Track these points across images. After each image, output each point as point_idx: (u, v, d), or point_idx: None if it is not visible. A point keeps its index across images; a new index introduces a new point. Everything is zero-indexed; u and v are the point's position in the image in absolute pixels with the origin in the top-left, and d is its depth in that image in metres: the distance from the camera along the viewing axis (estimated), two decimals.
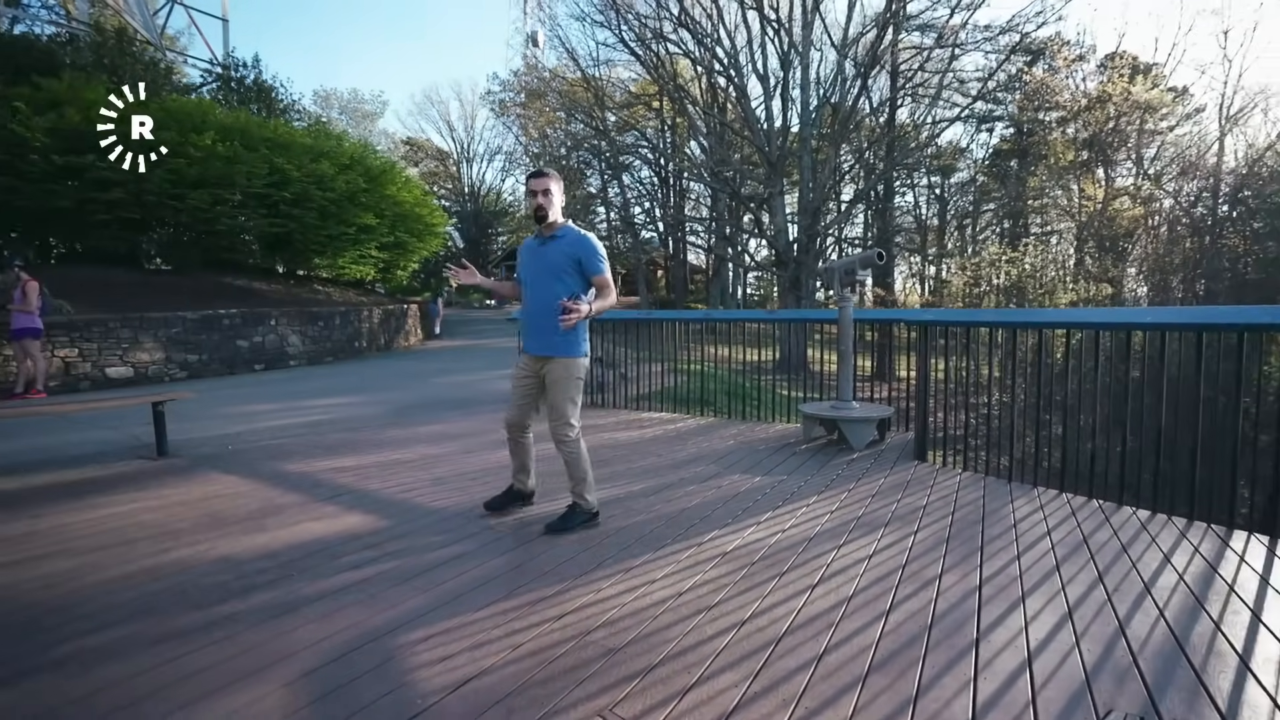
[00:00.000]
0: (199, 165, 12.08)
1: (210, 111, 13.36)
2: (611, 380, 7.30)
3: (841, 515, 3.14)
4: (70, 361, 8.66)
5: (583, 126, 24.39)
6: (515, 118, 30.66)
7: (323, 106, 36.43)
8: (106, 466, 4.38)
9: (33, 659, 1.93)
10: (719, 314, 6.47)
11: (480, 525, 3.12)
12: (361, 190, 15.23)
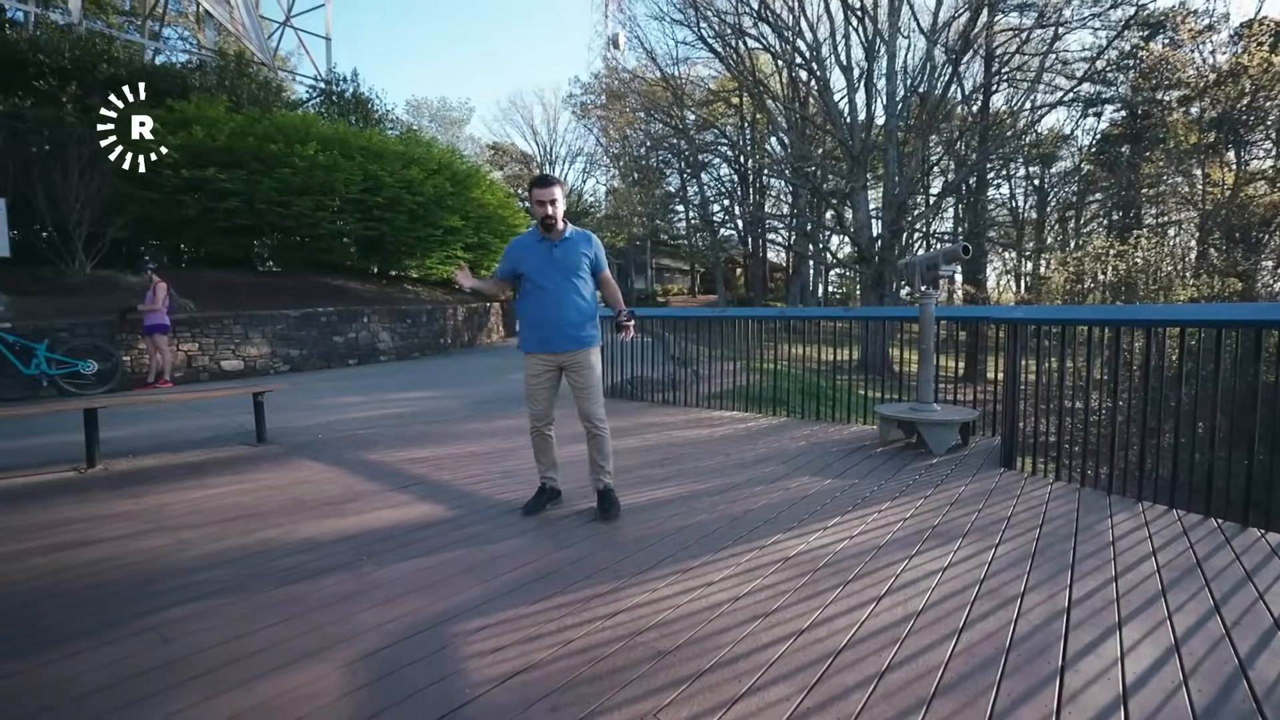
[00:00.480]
0: (303, 174, 12.98)
1: (314, 124, 14.32)
2: (685, 378, 7.27)
3: (915, 523, 2.95)
4: (192, 355, 9.52)
5: (662, 126, 24.43)
6: (596, 119, 31.11)
7: (414, 115, 38.32)
8: (212, 451, 4.77)
9: (130, 624, 2.11)
10: (793, 311, 6.29)
11: (541, 519, 3.15)
12: (448, 194, 15.90)
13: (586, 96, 30.20)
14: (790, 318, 6.12)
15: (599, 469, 3.28)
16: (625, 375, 7.25)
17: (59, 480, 4.02)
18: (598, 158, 35.82)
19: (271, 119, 13.55)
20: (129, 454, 4.67)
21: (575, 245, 3.19)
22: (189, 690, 1.74)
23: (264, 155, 12.78)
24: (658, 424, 5.59)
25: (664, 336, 8.35)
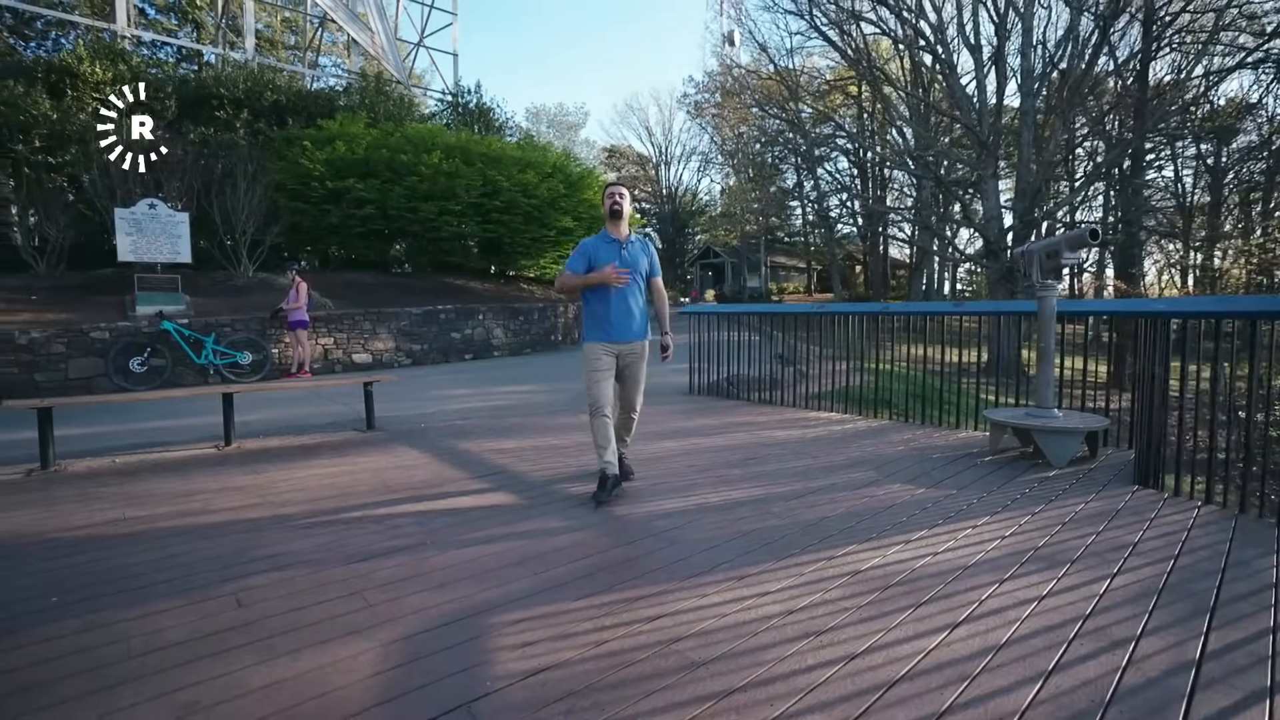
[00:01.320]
0: (428, 181, 13.93)
1: (439, 134, 15.33)
2: (787, 378, 6.96)
3: (1014, 543, 2.58)
4: (328, 348, 10.53)
5: (777, 121, 23.76)
6: (710, 118, 30.90)
7: (533, 122, 40.12)
8: (327, 435, 5.20)
9: (217, 587, 2.30)
10: (895, 306, 5.81)
11: (606, 514, 3.11)
12: (561, 196, 16.42)
13: (700, 95, 30.08)
14: (893, 313, 5.66)
15: (621, 442, 3.71)
16: (722, 374, 7.09)
17: (201, 455, 4.54)
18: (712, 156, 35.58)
19: (402, 131, 14.66)
20: (260, 435, 5.21)
21: (639, 248, 3.54)
22: (245, 653, 1.85)
23: (395, 165, 13.86)
24: (748, 423, 5.39)
25: (770, 334, 8.05)
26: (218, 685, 1.70)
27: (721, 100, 27.34)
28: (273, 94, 15.21)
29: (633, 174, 44.16)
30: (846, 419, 5.55)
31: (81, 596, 2.27)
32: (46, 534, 2.92)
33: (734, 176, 33.08)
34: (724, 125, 29.49)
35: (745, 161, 29.02)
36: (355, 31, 19.08)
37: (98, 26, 16.90)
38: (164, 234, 10.41)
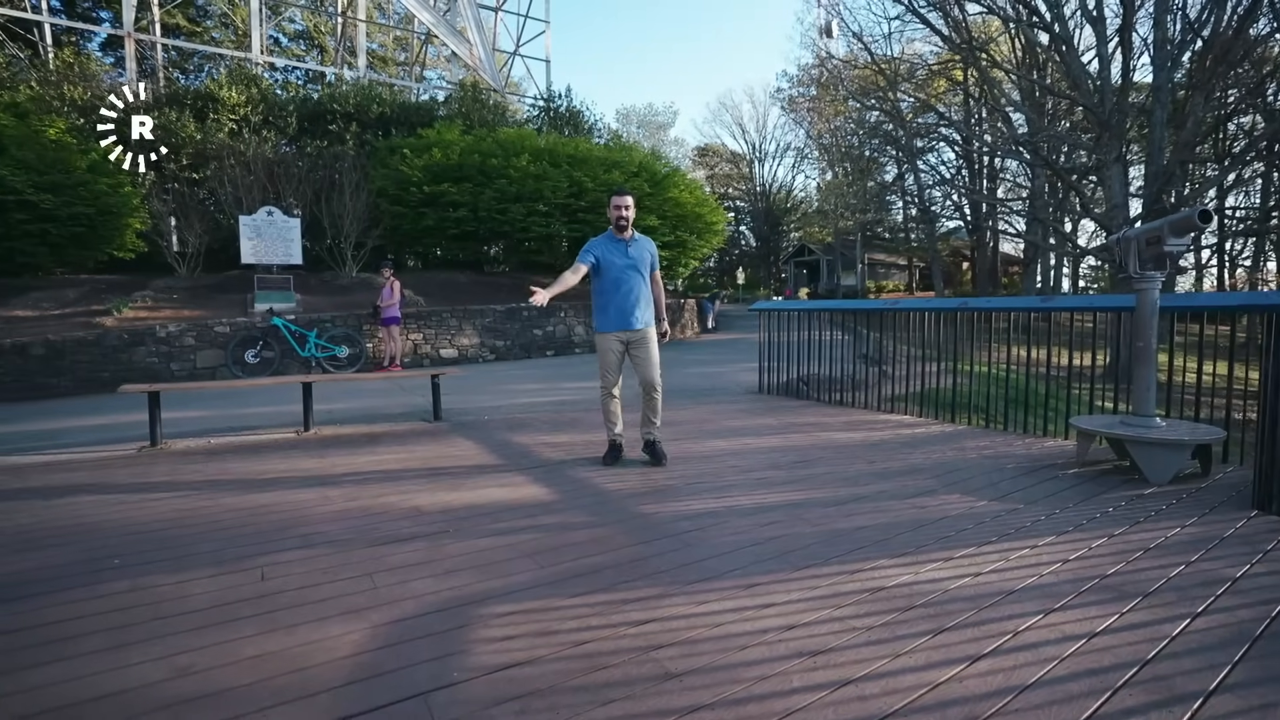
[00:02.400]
0: (516, 184, 14.40)
1: (528, 138, 15.81)
2: (869, 378, 6.57)
3: (1078, 568, 2.25)
4: (417, 344, 11.14)
5: (875, 113, 22.61)
6: (805, 112, 29.96)
7: (623, 123, 40.62)
8: (395, 425, 5.46)
9: (249, 560, 2.44)
10: (975, 302, 5.30)
11: (631, 511, 3.03)
12: (646, 194, 16.46)
13: (795, 89, 29.21)
14: (972, 309, 5.16)
15: (649, 424, 4.02)
16: (799, 373, 6.79)
17: (281, 440, 4.90)
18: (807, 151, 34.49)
19: (494, 136, 15.24)
20: (338, 423, 5.55)
21: (642, 246, 3.99)
22: (250, 624, 1.94)
23: (486, 169, 14.43)
24: (810, 424, 5.13)
25: (858, 333, 7.63)
26: (215, 651, 1.79)
27: (817, 93, 26.36)
28: (379, 107, 16.30)
29: (725, 172, 43.70)
30: (920, 422, 5.14)
31: (139, 560, 2.48)
32: (133, 503, 3.24)
33: (829, 171, 31.90)
34: (819, 119, 28.46)
35: (841, 155, 27.83)
36: (455, 45, 20.09)
37: (238, 57, 18.82)
38: (279, 238, 11.43)
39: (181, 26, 24.57)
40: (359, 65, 20.74)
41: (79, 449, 4.71)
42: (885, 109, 20.44)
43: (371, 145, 15.25)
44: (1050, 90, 15.62)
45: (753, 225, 43.04)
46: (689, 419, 5.50)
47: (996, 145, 19.14)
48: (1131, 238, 3.25)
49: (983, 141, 20.21)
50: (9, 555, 2.59)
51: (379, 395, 7.44)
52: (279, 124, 14.85)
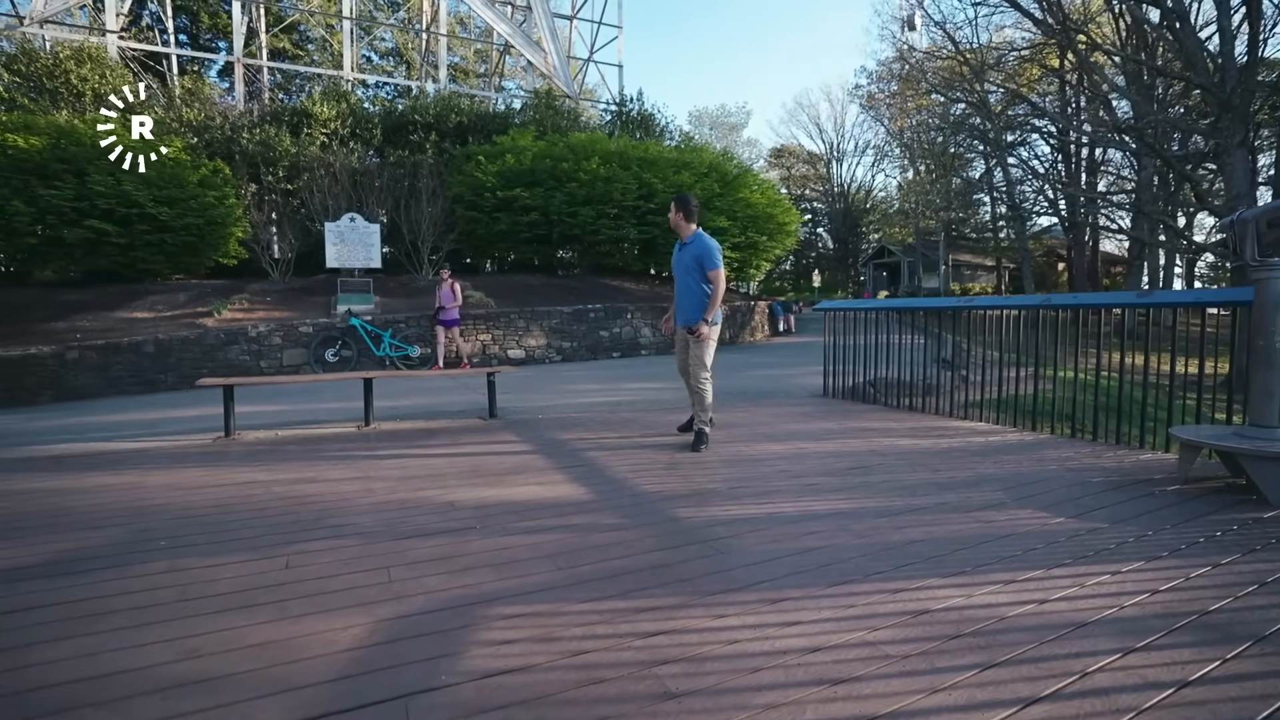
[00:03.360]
0: (586, 187, 14.53)
1: (599, 141, 15.94)
2: (944, 383, 6.12)
3: (1170, 601, 1.93)
4: (486, 344, 11.41)
5: (961, 106, 21.36)
6: (885, 108, 28.76)
7: (695, 124, 40.42)
8: (451, 421, 5.55)
9: (280, 548, 2.48)
10: (1060, 298, 4.79)
11: (665, 515, 2.89)
12: (716, 195, 16.24)
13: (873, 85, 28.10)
14: (1055, 306, 4.64)
15: (695, 415, 4.34)
16: (867, 376, 6.40)
17: (343, 433, 5.08)
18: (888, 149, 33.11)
19: (565, 141, 15.46)
20: (397, 418, 5.71)
21: (688, 248, 4.30)
22: (262, 611, 1.95)
23: (557, 173, 14.64)
24: (873, 429, 4.80)
25: (938, 335, 7.11)
26: (223, 637, 1.80)
27: (898, 88, 25.20)
28: (457, 116, 16.90)
29: (802, 173, 42.68)
30: (995, 430, 4.71)
31: (182, 543, 2.57)
32: (193, 488, 3.41)
33: (910, 169, 30.41)
34: (900, 115, 27.19)
35: (923, 152, 26.45)
36: (530, 54, 20.58)
37: (333, 75, 20.04)
38: (360, 243, 12.03)
39: (286, 50, 26.52)
40: (440, 78, 21.64)
41: (168, 437, 5.06)
42: (971, 101, 19.20)
43: (449, 153, 15.81)
44: (1161, 71, 14.14)
45: (830, 227, 41.78)
46: (744, 421, 5.29)
47: (1097, 135, 17.54)
48: (1249, 219, 2.81)
49: (1081, 131, 18.60)
50: (80, 531, 2.76)
51: (443, 393, 7.64)
52: (365, 136, 15.66)
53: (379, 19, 27.81)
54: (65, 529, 2.80)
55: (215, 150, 13.49)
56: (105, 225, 11.07)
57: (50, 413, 7.61)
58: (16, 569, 2.34)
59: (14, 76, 14.03)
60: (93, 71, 14.36)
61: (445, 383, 8.62)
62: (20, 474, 3.87)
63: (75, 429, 5.91)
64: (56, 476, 3.79)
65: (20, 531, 2.79)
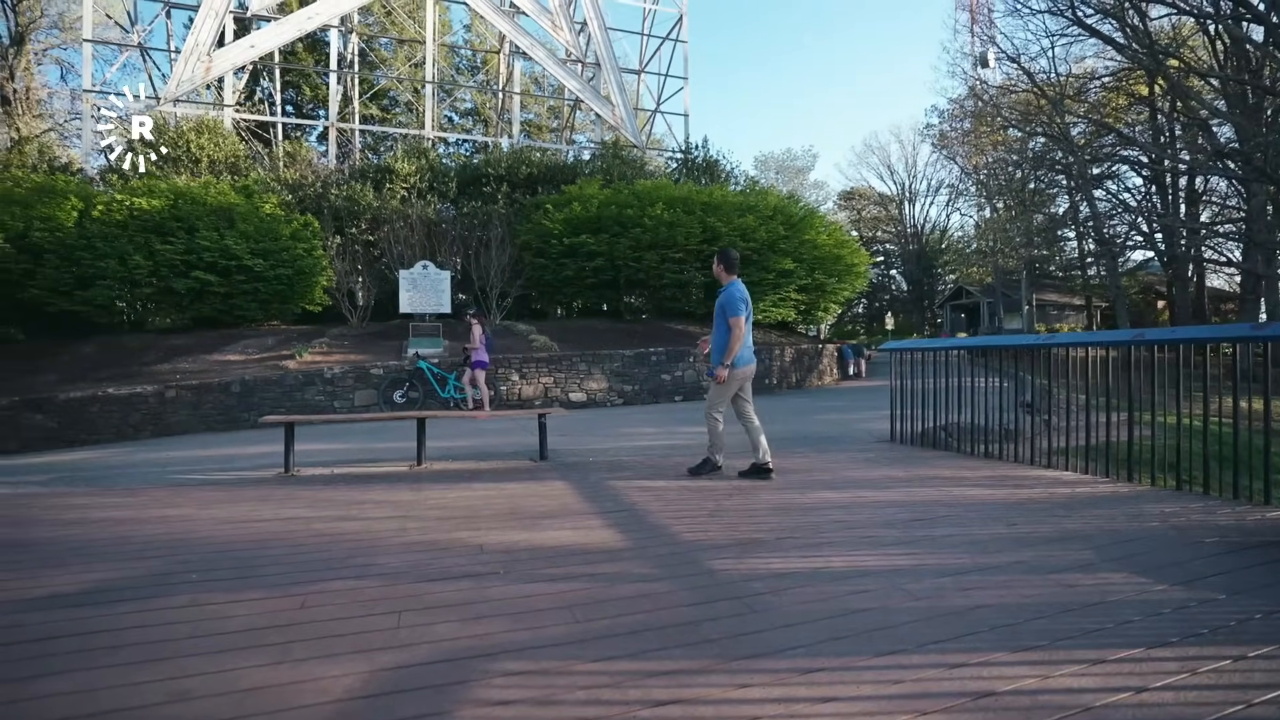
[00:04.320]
0: (650, 232, 14.70)
1: (663, 188, 16.17)
2: (1026, 428, 5.60)
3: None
4: (548, 386, 11.51)
5: (1041, 141, 20.44)
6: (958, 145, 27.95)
7: (760, 169, 40.54)
8: (501, 463, 5.53)
9: (298, 586, 2.44)
10: (1154, 333, 4.28)
11: (701, 566, 2.68)
12: (781, 238, 16.09)
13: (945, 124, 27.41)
14: (1150, 341, 4.13)
15: (754, 447, 4.63)
16: (941, 420, 5.96)
17: (393, 472, 5.13)
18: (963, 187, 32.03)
19: (630, 188, 15.79)
20: (449, 459, 5.74)
21: (719, 298, 4.61)
22: (264, 654, 1.89)
23: (622, 219, 14.91)
24: (943, 478, 4.40)
25: (1017, 377, 6.54)
26: (218, 679, 1.74)
27: (974, 125, 24.41)
28: (527, 168, 17.64)
29: (873, 215, 41.88)
30: (1084, 480, 4.21)
31: (210, 577, 2.58)
32: (238, 521, 3.48)
33: (987, 207, 29.16)
34: (974, 152, 26.27)
35: (1000, 189, 25.30)
36: (599, 108, 21.38)
37: (415, 134, 21.46)
38: (432, 289, 12.55)
39: (376, 115, 28.73)
40: (514, 133, 22.77)
41: (236, 472, 5.27)
42: (1051, 135, 18.28)
43: (519, 203, 16.46)
44: (1270, 90, 13.02)
45: (904, 269, 40.50)
46: (800, 467, 4.99)
47: (1196, 163, 16.20)
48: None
49: (1177, 160, 17.24)
50: (127, 561, 2.84)
51: (499, 434, 7.69)
52: (441, 189, 16.55)
53: (459, 81, 29.77)
54: (114, 558, 2.88)
55: (307, 205, 14.56)
56: (209, 276, 12.06)
57: (147, 446, 8.16)
58: (56, 595, 2.40)
59: (146, 148, 15.79)
60: (209, 140, 15.96)
61: (506, 424, 8.69)
62: (99, 503, 4.09)
63: (160, 463, 6.28)
64: (126, 507, 3.98)
65: (76, 558, 2.89)
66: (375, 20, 27.92)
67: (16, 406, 9.51)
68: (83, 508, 3.94)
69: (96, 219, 11.70)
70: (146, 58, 19.63)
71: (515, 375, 11.07)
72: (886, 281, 43.40)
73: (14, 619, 2.16)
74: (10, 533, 3.36)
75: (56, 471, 6.06)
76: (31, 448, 9.00)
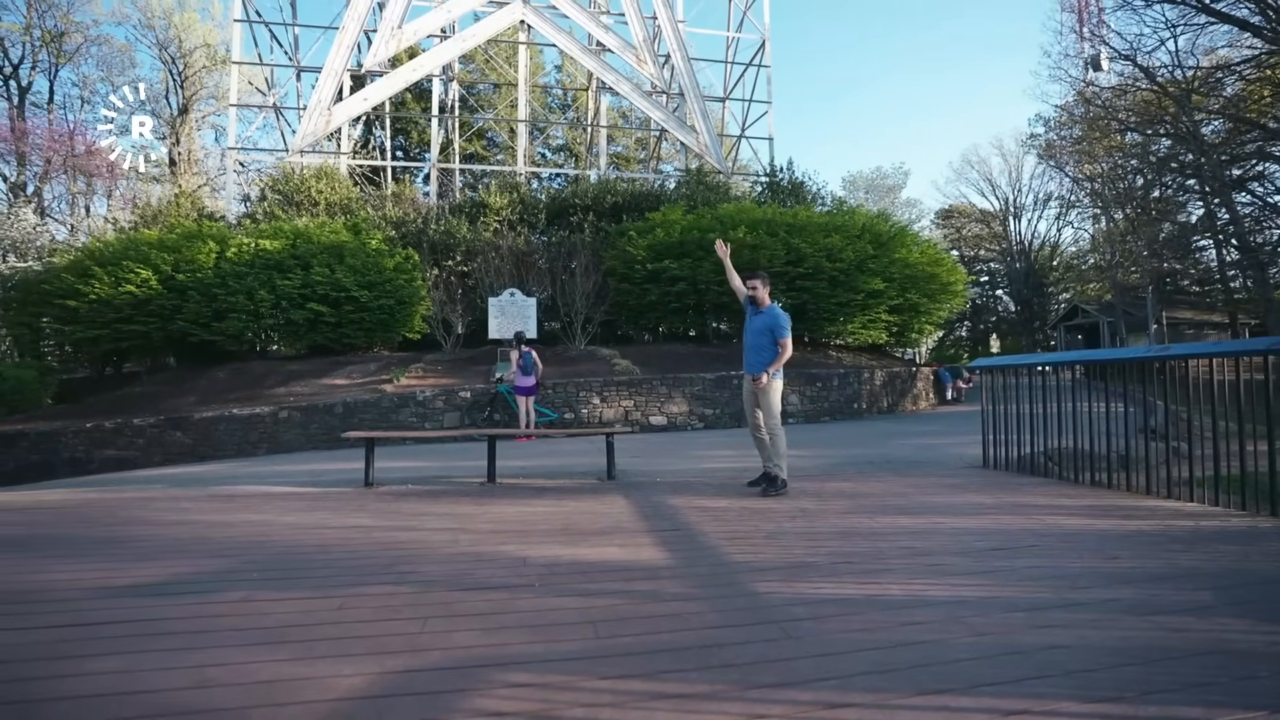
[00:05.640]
0: (734, 255, 14.51)
1: (747, 211, 16.04)
2: (1158, 456, 4.92)
3: None
4: (628, 410, 11.53)
5: (1167, 143, 18.53)
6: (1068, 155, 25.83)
7: (849, 189, 39.25)
8: (570, 481, 5.54)
9: (343, 589, 2.51)
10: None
11: (743, 588, 2.51)
12: (869, 256, 15.48)
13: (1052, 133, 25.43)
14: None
15: (767, 460, 4.84)
16: (1044, 445, 5.38)
17: (466, 488, 5.27)
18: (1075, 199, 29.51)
19: (713, 212, 15.78)
20: (519, 476, 5.83)
21: (765, 318, 4.91)
22: (289, 649, 1.94)
23: (705, 243, 14.86)
24: (1037, 505, 3.94)
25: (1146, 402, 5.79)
26: (240, 670, 1.80)
27: (1082, 132, 22.47)
28: (612, 197, 18.06)
29: (975, 233, 39.45)
30: (1210, 513, 3.61)
31: (270, 577, 2.71)
32: (310, 528, 3.66)
33: (1104, 218, 26.57)
34: (1087, 160, 24.09)
35: (1119, 198, 22.95)
36: (683, 136, 21.64)
37: (510, 171, 22.60)
38: (519, 315, 13.02)
39: (476, 154, 30.61)
40: (601, 165, 23.48)
41: (325, 486, 5.60)
42: (1178, 135, 16.44)
43: (605, 231, 16.84)
44: None
45: (1010, 288, 37.70)
46: (875, 491, 4.65)
47: None
48: None
49: None
50: (203, 558, 3.05)
51: (575, 455, 7.74)
52: (531, 220, 17.25)
53: (551, 119, 31.18)
54: (193, 555, 3.11)
55: (409, 240, 15.61)
56: (321, 307, 13.15)
57: (260, 461, 8.89)
58: (135, 585, 2.59)
59: (274, 194, 17.60)
60: (327, 185, 17.57)
61: (584, 445, 8.76)
62: (199, 506, 4.45)
63: (262, 475, 6.79)
64: (219, 511, 4.31)
65: (162, 553, 3.14)
66: (475, 66, 29.90)
67: (161, 425, 10.68)
68: (184, 510, 4.31)
69: (230, 259, 13.10)
70: (280, 116, 22.01)
71: (596, 398, 11.18)
72: (991, 302, 40.54)
73: (90, 604, 2.36)
74: (118, 529, 3.72)
75: (180, 483, 6.71)
76: (170, 461, 10.06)
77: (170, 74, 30.70)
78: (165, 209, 18.88)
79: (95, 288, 12.57)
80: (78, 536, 3.57)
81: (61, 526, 3.88)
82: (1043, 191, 35.06)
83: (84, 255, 13.81)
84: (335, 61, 18.73)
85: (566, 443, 9.05)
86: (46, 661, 1.87)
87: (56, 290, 13.05)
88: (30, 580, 2.68)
